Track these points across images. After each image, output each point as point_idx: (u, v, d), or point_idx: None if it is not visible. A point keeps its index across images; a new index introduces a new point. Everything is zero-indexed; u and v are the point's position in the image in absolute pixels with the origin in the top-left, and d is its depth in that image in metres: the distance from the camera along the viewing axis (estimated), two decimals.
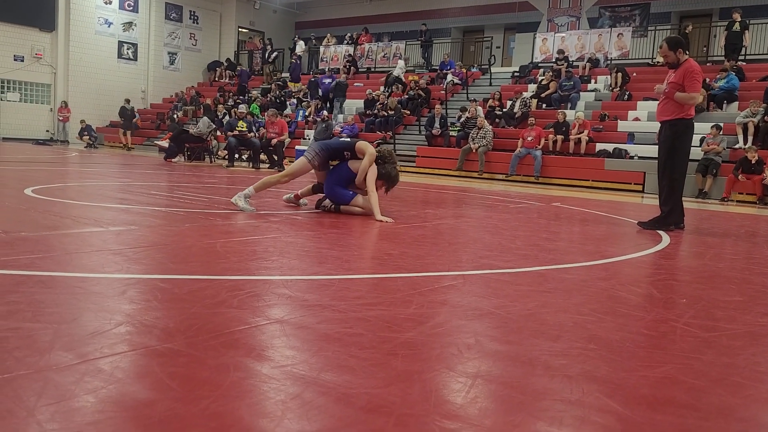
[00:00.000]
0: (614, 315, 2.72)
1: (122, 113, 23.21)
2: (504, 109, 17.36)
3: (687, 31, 17.71)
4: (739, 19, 16.66)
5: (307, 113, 21.03)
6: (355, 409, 1.58)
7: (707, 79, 15.66)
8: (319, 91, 21.48)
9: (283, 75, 25.03)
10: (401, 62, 21.97)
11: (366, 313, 2.48)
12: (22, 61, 23.61)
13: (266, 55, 26.69)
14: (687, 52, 6.52)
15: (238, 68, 26.73)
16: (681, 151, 6.37)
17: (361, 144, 5.98)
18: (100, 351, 1.88)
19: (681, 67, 6.30)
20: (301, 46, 25.39)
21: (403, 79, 20.91)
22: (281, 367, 1.84)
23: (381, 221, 5.55)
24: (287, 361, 1.91)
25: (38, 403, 1.49)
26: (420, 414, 1.58)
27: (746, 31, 16.76)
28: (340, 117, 20.13)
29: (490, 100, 17.84)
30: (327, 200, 6.06)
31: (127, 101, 23.64)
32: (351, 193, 5.94)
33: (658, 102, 6.66)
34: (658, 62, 18.31)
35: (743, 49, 17.24)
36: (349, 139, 6.27)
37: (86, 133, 22.19)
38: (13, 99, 23.67)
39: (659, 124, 6.53)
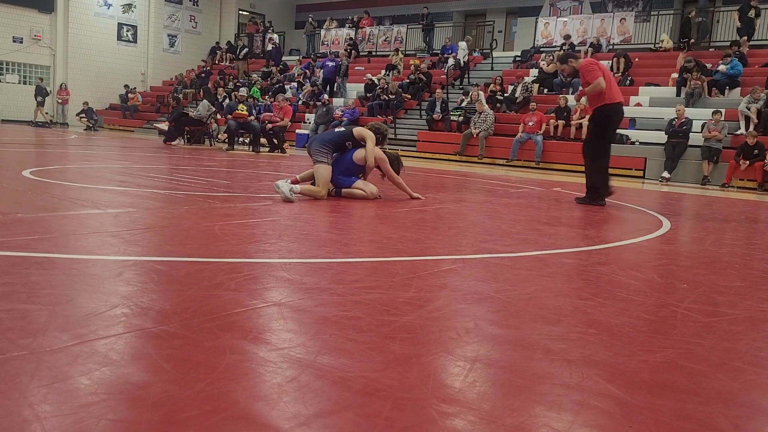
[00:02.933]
0: (614, 300, 2.70)
1: (38, 91, 22.64)
2: (505, 94, 17.27)
3: (691, 17, 17.57)
4: (756, 5, 16.48)
5: (302, 95, 20.89)
6: (352, 393, 1.56)
7: (709, 65, 15.57)
8: (320, 74, 21.33)
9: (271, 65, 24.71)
10: (463, 44, 20.47)
11: (364, 297, 2.46)
12: (21, 42, 23.47)
13: (264, 40, 26.56)
14: (578, 58, 7.57)
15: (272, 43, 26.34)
16: (607, 133, 7.06)
17: (358, 130, 6.02)
18: (95, 333, 1.86)
19: (580, 71, 7.07)
20: (274, 40, 25.06)
21: (462, 62, 20.29)
22: (278, 350, 1.83)
23: (417, 198, 6.14)
24: (284, 344, 1.89)
25: (31, 385, 1.48)
26: (418, 398, 1.57)
27: (757, 19, 16.61)
28: (341, 101, 20.02)
29: (492, 85, 17.74)
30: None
31: (41, 79, 23.05)
32: (353, 178, 5.95)
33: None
34: (660, 47, 18.19)
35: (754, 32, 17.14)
36: (344, 129, 6.21)
37: (84, 115, 22.11)
38: (12, 81, 23.55)
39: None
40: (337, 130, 6.21)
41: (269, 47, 25.00)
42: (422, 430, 1.41)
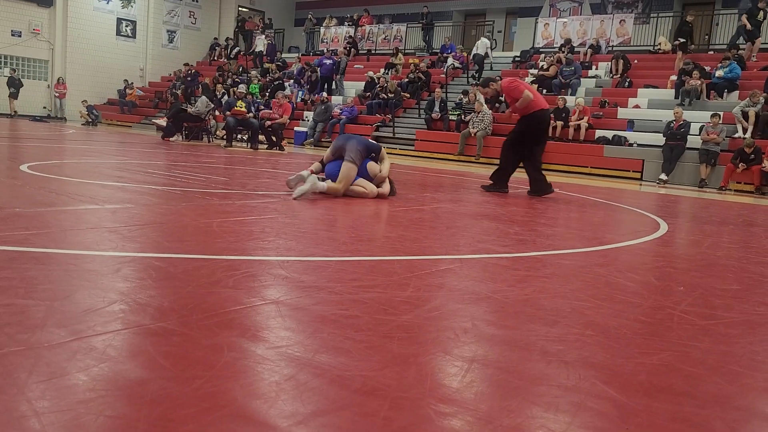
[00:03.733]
0: (611, 301, 2.71)
1: (10, 83, 22.41)
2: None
3: (688, 20, 17.57)
4: (766, 7, 16.42)
5: (303, 94, 20.89)
6: (350, 392, 1.57)
7: (707, 68, 15.57)
8: (318, 71, 21.31)
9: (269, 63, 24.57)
10: (485, 39, 20.25)
11: (362, 296, 2.46)
12: (20, 36, 23.40)
13: (252, 40, 26.55)
14: (498, 80, 8.31)
15: (267, 40, 26.21)
16: (531, 136, 7.83)
17: (384, 152, 6.28)
18: (93, 329, 1.86)
19: (504, 91, 7.98)
20: (262, 42, 24.86)
21: (486, 57, 20.24)
22: (276, 348, 1.83)
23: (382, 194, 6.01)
24: (282, 342, 1.89)
25: (29, 380, 1.48)
26: (415, 397, 1.57)
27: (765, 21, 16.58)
28: (340, 99, 20.02)
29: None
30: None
31: (13, 70, 22.83)
32: (357, 176, 5.93)
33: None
34: (659, 50, 18.18)
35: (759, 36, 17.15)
36: (376, 143, 6.39)
37: (87, 111, 22.13)
38: (10, 75, 23.47)
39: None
40: (371, 141, 6.29)
41: (259, 48, 24.79)
42: (420, 430, 1.41)
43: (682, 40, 17.00)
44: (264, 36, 25.43)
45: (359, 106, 19.07)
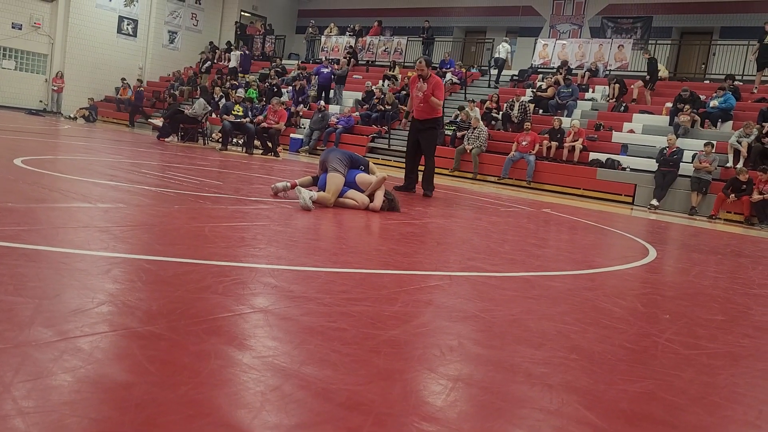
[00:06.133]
0: (597, 326, 2.73)
1: None
2: (501, 111, 17.35)
3: (648, 56, 17.75)
4: None
5: (304, 103, 20.93)
6: (334, 405, 1.57)
7: (703, 97, 15.72)
8: (316, 80, 21.36)
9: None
10: (506, 44, 20.56)
11: (351, 308, 2.47)
12: (20, 29, 23.37)
13: (263, 41, 26.54)
14: (429, 67, 8.94)
15: (242, 50, 26.29)
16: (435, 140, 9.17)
17: (373, 167, 6.33)
18: (81, 329, 1.86)
19: (433, 85, 8.61)
20: (235, 57, 24.65)
21: (507, 61, 20.27)
22: (262, 358, 1.83)
23: (373, 207, 5.92)
24: (269, 352, 1.90)
25: (15, 379, 1.48)
26: (399, 414, 1.58)
27: None
28: (337, 108, 20.07)
29: (488, 102, 17.84)
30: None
31: None
32: (345, 188, 5.95)
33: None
34: (661, 77, 18.24)
35: (743, 68, 17.35)
36: (362, 157, 6.40)
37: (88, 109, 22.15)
38: (9, 67, 23.45)
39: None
40: (358, 155, 6.35)
41: (232, 63, 24.48)
42: None
43: (647, 77, 17.24)
44: (238, 50, 25.25)
45: (356, 116, 19.10)
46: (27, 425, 1.28)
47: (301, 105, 20.56)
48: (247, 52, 25.81)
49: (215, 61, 27.29)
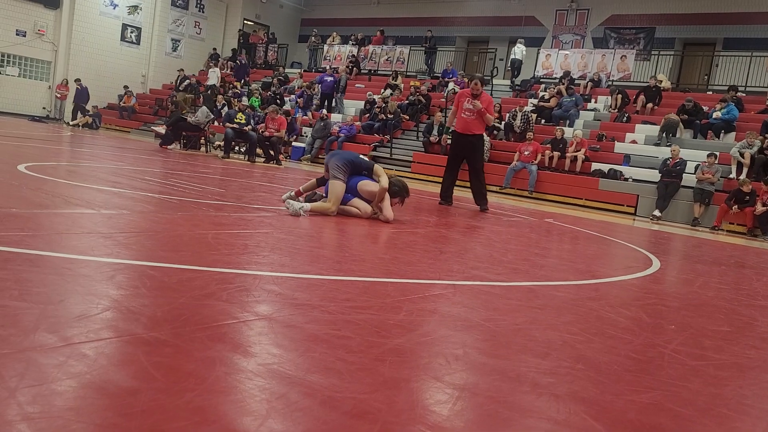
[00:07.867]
0: (603, 336, 2.71)
1: None
2: (503, 121, 17.37)
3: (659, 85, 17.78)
4: None
5: (306, 115, 20.94)
6: (340, 414, 1.56)
7: (705, 108, 15.74)
8: (319, 88, 21.40)
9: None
10: (521, 45, 20.78)
11: (355, 317, 2.46)
12: (24, 36, 23.46)
13: (266, 50, 26.60)
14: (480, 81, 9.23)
15: (238, 59, 26.32)
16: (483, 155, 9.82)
17: (378, 168, 6.13)
18: (86, 335, 1.85)
19: (484, 101, 8.97)
20: (215, 74, 24.08)
21: (521, 60, 20.47)
22: (267, 365, 1.82)
23: (386, 218, 5.84)
24: (274, 360, 1.89)
25: (20, 384, 1.47)
26: (405, 423, 1.57)
27: None
28: (339, 117, 20.10)
29: None
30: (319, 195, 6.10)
31: None
32: (349, 195, 5.93)
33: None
34: (664, 87, 18.26)
35: (746, 79, 17.39)
36: (368, 159, 6.26)
37: (90, 114, 22.21)
38: (12, 73, 23.51)
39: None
40: (362, 157, 6.24)
41: (211, 81, 23.89)
42: None
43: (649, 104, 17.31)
44: (217, 68, 24.97)
45: (358, 124, 19.12)
46: (32, 431, 1.27)
47: (309, 113, 20.56)
48: (243, 61, 25.79)
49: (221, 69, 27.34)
